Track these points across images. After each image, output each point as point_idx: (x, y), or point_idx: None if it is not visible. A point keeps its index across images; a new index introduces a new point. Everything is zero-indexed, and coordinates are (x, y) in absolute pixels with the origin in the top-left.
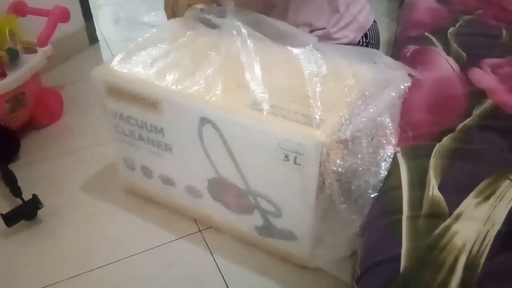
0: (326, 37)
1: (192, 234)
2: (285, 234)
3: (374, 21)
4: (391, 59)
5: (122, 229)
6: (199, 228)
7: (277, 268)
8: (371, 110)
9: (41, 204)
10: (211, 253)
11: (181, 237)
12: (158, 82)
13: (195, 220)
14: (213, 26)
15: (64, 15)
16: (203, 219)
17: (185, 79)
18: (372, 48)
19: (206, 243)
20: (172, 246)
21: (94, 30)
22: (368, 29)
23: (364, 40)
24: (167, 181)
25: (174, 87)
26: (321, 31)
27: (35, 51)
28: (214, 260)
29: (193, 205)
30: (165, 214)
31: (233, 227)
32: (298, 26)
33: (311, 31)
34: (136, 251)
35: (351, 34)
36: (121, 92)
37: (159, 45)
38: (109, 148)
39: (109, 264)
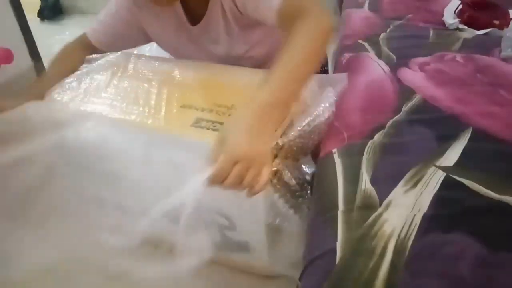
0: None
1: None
2: (242, 246)
3: None
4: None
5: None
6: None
7: (241, 281)
8: (310, 113)
9: None
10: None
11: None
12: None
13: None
14: None
15: (7, 57)
16: (161, 242)
17: (126, 104)
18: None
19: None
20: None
21: (43, 68)
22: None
23: (323, 70)
24: (123, 207)
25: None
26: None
27: None
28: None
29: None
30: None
31: (189, 243)
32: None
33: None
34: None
35: None
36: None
37: (98, 73)
38: None
39: None
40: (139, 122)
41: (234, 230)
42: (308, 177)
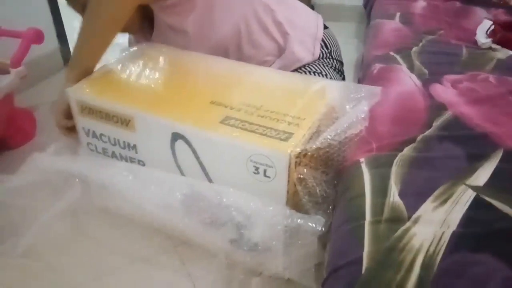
0: (290, 63)
1: (166, 249)
2: (258, 246)
3: (326, 26)
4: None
5: (94, 248)
6: (173, 244)
7: (251, 281)
8: (342, 123)
9: None
10: (186, 268)
11: (155, 253)
12: (129, 99)
13: (168, 235)
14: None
15: (37, 37)
16: (177, 233)
17: (156, 96)
18: (335, 53)
19: (181, 259)
20: (146, 263)
21: (69, 52)
22: (323, 37)
23: (326, 51)
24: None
25: (145, 103)
26: (282, 56)
27: (8, 72)
28: (189, 275)
29: (166, 220)
30: (138, 230)
31: (206, 240)
32: (257, 57)
33: (271, 62)
34: (111, 268)
35: (310, 49)
36: (93, 111)
37: (130, 66)
38: None
39: (85, 283)
40: (168, 116)
41: (251, 229)
42: (331, 190)
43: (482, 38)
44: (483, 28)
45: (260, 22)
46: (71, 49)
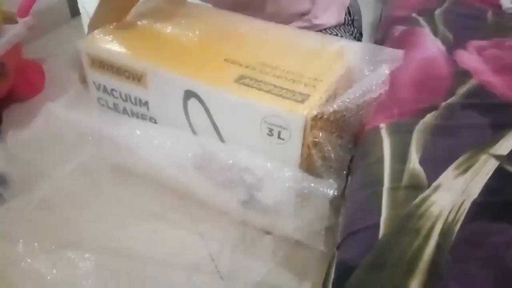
0: (310, 26)
1: (177, 208)
2: (268, 207)
3: None
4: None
5: (107, 203)
6: (185, 203)
7: (260, 241)
8: (361, 86)
9: None
10: (196, 225)
11: (166, 211)
12: (142, 54)
13: (179, 193)
14: None
15: None
16: (188, 193)
17: (170, 52)
18: (357, 23)
19: (190, 216)
20: (157, 219)
21: (76, 3)
22: (349, 5)
23: (349, 18)
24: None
25: (159, 59)
26: (304, 19)
27: (15, 22)
28: (199, 233)
29: (178, 179)
30: (149, 186)
31: (218, 200)
32: (278, 16)
33: (291, 22)
34: (119, 224)
35: (335, 15)
36: (104, 65)
37: (144, 20)
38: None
39: (95, 237)
40: (181, 73)
41: (262, 191)
42: (346, 155)
43: (507, 2)
44: None
45: None
46: (79, 1)
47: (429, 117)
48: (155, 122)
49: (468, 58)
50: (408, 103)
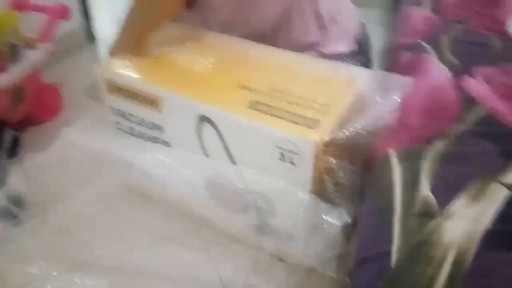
0: (320, 55)
1: (190, 230)
2: (280, 233)
3: (362, 23)
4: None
5: (121, 226)
6: (196, 226)
7: (272, 267)
8: (373, 113)
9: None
10: (207, 250)
11: (178, 234)
12: (157, 80)
13: (191, 217)
14: None
15: (64, 13)
16: (201, 217)
17: (184, 78)
18: (366, 51)
19: (203, 240)
20: (169, 243)
21: (92, 29)
22: (358, 34)
23: (358, 46)
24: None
25: (173, 84)
26: (314, 48)
27: (35, 47)
28: (210, 258)
29: (190, 203)
30: (162, 210)
31: (229, 225)
32: (290, 47)
33: (302, 52)
34: (132, 247)
35: (344, 45)
36: (121, 90)
37: (160, 47)
38: None
39: (108, 259)
40: (195, 99)
41: (274, 216)
42: (358, 181)
43: None
44: None
45: (302, 12)
46: (95, 27)
47: (438, 144)
48: (169, 146)
49: (475, 85)
50: (417, 129)
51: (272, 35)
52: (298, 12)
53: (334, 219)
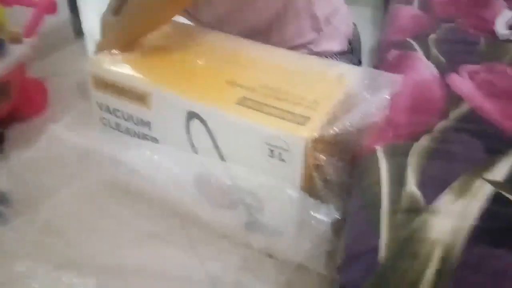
0: (311, 53)
1: (178, 228)
2: (269, 230)
3: (354, 24)
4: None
5: (108, 224)
6: (183, 224)
7: (261, 263)
8: (362, 110)
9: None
10: (194, 248)
11: (166, 232)
12: (146, 76)
13: (179, 214)
14: None
15: (51, 7)
16: (190, 214)
17: (173, 74)
18: (356, 51)
19: (190, 238)
20: (157, 241)
21: (80, 24)
22: (351, 35)
23: (349, 46)
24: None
25: (162, 80)
26: (306, 48)
27: (21, 42)
28: (198, 255)
29: (179, 200)
30: (149, 208)
31: (218, 222)
32: (282, 47)
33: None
34: (120, 245)
35: (337, 44)
36: (109, 85)
37: (149, 42)
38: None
39: (95, 258)
40: (184, 95)
41: (263, 212)
42: (347, 177)
43: (501, 29)
44: (503, 18)
45: (297, 13)
46: (83, 22)
47: (423, 140)
48: (157, 142)
49: (461, 82)
50: (403, 125)
51: (266, 33)
52: (293, 12)
53: (323, 215)
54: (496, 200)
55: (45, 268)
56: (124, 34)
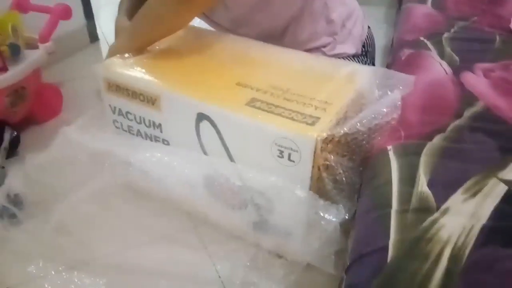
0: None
1: (188, 228)
2: (279, 230)
3: (368, 26)
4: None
5: (119, 225)
6: (194, 224)
7: (270, 263)
8: (372, 110)
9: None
10: (205, 247)
11: (177, 232)
12: (157, 78)
13: (190, 214)
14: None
15: (66, 12)
16: (200, 215)
17: (183, 76)
18: (370, 54)
19: (201, 238)
20: (168, 241)
21: (95, 29)
22: (365, 38)
23: (363, 49)
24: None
25: (172, 83)
26: (320, 51)
27: (36, 47)
28: (208, 255)
29: (189, 200)
30: (161, 208)
31: (228, 222)
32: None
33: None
34: (131, 245)
35: (352, 47)
36: (120, 88)
37: (159, 45)
38: None
39: (107, 258)
40: (194, 97)
41: (272, 213)
42: (357, 178)
43: None
44: None
45: (313, 17)
46: (98, 27)
47: (436, 140)
48: (168, 144)
49: (475, 80)
50: (415, 125)
51: (281, 37)
52: (310, 16)
53: (332, 215)
54: (509, 199)
55: (57, 268)
56: (137, 40)
